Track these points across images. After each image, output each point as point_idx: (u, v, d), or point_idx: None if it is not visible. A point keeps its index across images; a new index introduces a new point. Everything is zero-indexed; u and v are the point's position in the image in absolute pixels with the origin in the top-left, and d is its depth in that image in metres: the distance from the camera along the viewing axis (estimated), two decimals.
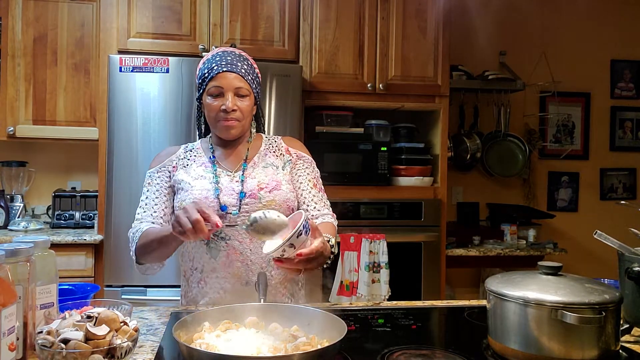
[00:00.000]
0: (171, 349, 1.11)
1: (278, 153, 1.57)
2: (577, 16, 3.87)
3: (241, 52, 1.53)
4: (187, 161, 1.54)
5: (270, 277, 1.47)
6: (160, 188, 1.52)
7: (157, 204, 1.50)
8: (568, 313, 1.00)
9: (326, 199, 1.59)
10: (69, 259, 2.72)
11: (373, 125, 3.19)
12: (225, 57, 1.47)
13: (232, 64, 1.46)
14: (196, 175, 1.49)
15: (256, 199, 1.45)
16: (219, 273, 1.46)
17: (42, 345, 0.90)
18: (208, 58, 1.50)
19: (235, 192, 1.46)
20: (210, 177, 1.48)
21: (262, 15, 2.90)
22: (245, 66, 1.48)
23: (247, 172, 1.50)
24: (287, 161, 1.56)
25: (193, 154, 1.56)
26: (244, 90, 1.46)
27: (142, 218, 1.49)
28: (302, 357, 0.93)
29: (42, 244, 1.11)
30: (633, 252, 1.23)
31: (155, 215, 1.48)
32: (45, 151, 3.29)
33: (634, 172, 4.05)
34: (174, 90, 2.71)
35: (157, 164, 1.55)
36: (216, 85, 1.45)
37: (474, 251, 3.18)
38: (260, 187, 1.47)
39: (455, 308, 1.54)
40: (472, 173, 3.78)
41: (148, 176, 1.55)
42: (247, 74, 1.47)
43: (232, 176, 1.49)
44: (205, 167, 1.51)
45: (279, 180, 1.50)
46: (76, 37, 3.00)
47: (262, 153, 1.56)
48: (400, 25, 3.02)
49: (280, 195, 1.47)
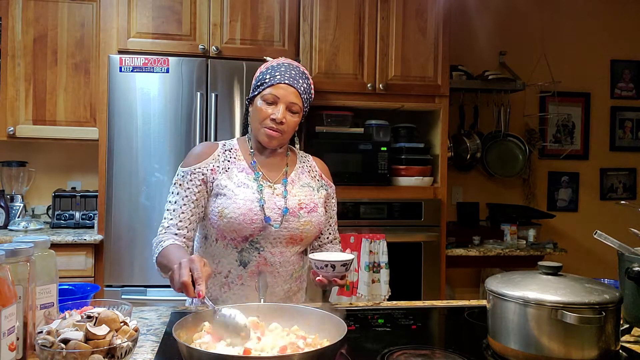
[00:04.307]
0: (171, 349, 1.10)
1: (313, 174, 1.61)
2: (577, 16, 3.87)
3: (304, 70, 1.54)
4: (228, 164, 1.51)
5: (289, 289, 1.54)
6: (190, 194, 1.48)
7: (184, 212, 1.47)
8: (568, 313, 1.00)
9: (337, 228, 1.68)
10: (69, 259, 2.72)
11: (373, 125, 3.19)
12: (290, 71, 1.48)
13: (294, 79, 1.47)
14: (239, 183, 1.48)
15: (295, 217, 1.48)
16: (245, 281, 1.48)
17: (42, 345, 0.90)
18: (273, 65, 1.50)
19: (277, 207, 1.47)
20: (254, 186, 1.48)
21: (262, 15, 2.90)
22: (305, 85, 1.50)
23: (287, 187, 1.52)
24: (322, 186, 1.61)
25: (232, 155, 1.53)
26: (296, 107, 1.47)
27: (168, 227, 1.46)
28: (302, 357, 0.93)
29: (42, 244, 1.11)
30: (633, 252, 1.23)
31: (180, 225, 1.46)
32: (45, 151, 3.29)
33: (634, 172, 4.05)
34: (174, 90, 2.71)
35: (193, 163, 1.50)
36: (273, 94, 1.45)
37: (474, 251, 3.18)
38: (300, 206, 1.50)
39: (455, 308, 1.54)
40: (472, 173, 3.78)
41: (181, 176, 1.50)
42: (304, 93, 1.49)
43: (273, 188, 1.50)
44: (247, 174, 1.50)
45: (316, 202, 1.54)
46: (76, 37, 3.00)
47: (299, 171, 1.58)
48: (400, 25, 3.02)
49: (315, 217, 1.52)
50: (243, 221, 1.43)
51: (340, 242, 1.69)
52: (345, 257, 1.35)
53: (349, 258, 1.35)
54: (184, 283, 1.14)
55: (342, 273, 1.34)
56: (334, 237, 1.66)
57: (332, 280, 1.36)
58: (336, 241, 1.67)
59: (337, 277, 1.35)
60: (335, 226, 1.67)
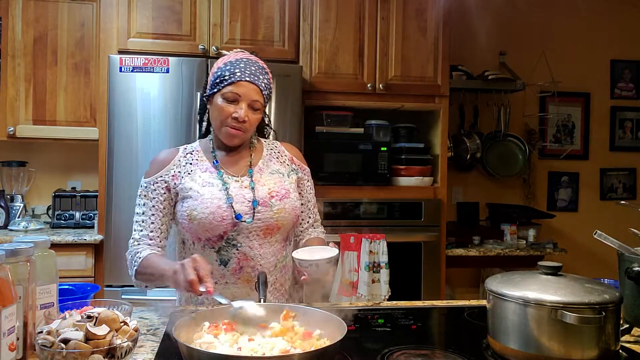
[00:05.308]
0: (171, 349, 1.10)
1: (282, 160, 1.58)
2: (577, 16, 3.87)
3: (263, 65, 1.51)
4: (190, 166, 1.49)
5: (275, 280, 1.50)
6: (157, 203, 1.47)
7: (153, 222, 1.46)
8: (568, 313, 1.00)
9: (317, 210, 1.65)
10: (69, 259, 2.72)
11: (373, 125, 3.19)
12: (250, 67, 1.45)
13: (255, 75, 1.44)
14: (203, 182, 1.46)
15: (267, 207, 1.46)
16: (229, 279, 1.46)
17: (42, 345, 0.90)
18: (231, 60, 1.46)
19: (247, 199, 1.45)
20: (219, 184, 1.46)
21: (262, 16, 2.90)
22: (266, 80, 1.47)
23: (254, 177, 1.49)
24: (292, 170, 1.58)
25: (194, 157, 1.52)
26: (258, 104, 1.45)
27: (140, 239, 1.46)
28: (302, 357, 0.93)
29: (42, 244, 1.11)
30: (633, 252, 1.23)
31: (152, 235, 1.46)
32: (45, 151, 3.29)
33: (634, 172, 4.05)
34: (174, 90, 2.71)
35: (153, 174, 1.49)
36: (234, 92, 1.42)
37: (473, 251, 3.18)
38: (271, 194, 1.47)
39: (455, 308, 1.54)
40: (472, 173, 3.78)
41: (144, 187, 1.49)
42: (265, 89, 1.47)
43: (240, 182, 1.48)
44: (210, 173, 1.48)
45: (287, 188, 1.51)
46: (76, 37, 3.00)
47: (266, 159, 1.56)
48: (400, 25, 3.02)
49: (289, 204, 1.49)
50: (213, 219, 1.41)
51: (321, 224, 1.66)
52: (330, 254, 1.32)
53: (333, 255, 1.32)
54: (191, 281, 1.15)
55: (328, 270, 1.32)
56: (314, 220, 1.63)
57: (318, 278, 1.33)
58: (317, 224, 1.64)
59: (323, 274, 1.32)
60: (314, 209, 1.63)
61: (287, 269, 1.55)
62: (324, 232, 1.66)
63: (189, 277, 1.15)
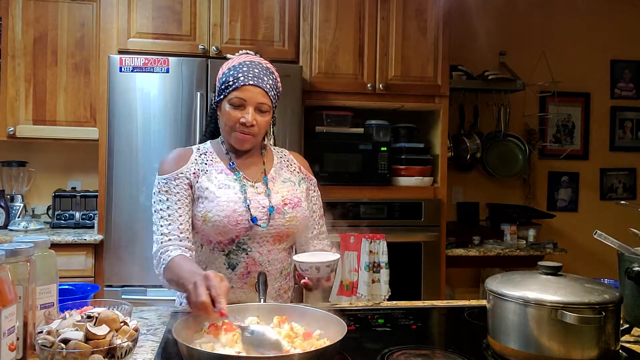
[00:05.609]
0: (171, 349, 1.10)
1: (291, 169, 1.58)
2: (577, 16, 3.87)
3: (268, 65, 1.48)
4: (206, 166, 1.47)
5: (279, 287, 1.51)
6: (182, 197, 1.42)
7: (181, 215, 1.40)
8: (568, 313, 1.00)
9: (323, 222, 1.62)
10: (69, 259, 2.72)
11: (373, 125, 3.19)
12: (253, 69, 1.43)
13: (259, 78, 1.42)
14: (219, 184, 1.44)
15: (281, 214, 1.45)
16: (235, 284, 1.45)
17: (42, 345, 0.90)
18: (234, 65, 1.45)
19: (261, 205, 1.44)
20: (236, 186, 1.45)
21: (262, 16, 2.90)
22: (271, 81, 1.45)
23: (269, 185, 1.49)
24: (302, 179, 1.58)
25: (208, 157, 1.49)
26: (265, 107, 1.43)
27: (170, 233, 1.38)
28: (302, 357, 0.93)
29: (42, 244, 1.11)
30: (633, 252, 1.23)
31: (182, 228, 1.39)
32: (45, 151, 3.28)
33: (634, 172, 4.05)
34: (174, 90, 2.71)
35: (174, 169, 1.45)
36: (239, 97, 1.40)
37: (473, 251, 3.18)
38: (284, 202, 1.47)
39: (455, 308, 1.54)
40: (472, 173, 3.77)
41: (164, 183, 1.43)
42: (271, 90, 1.44)
43: (255, 187, 1.47)
44: (226, 175, 1.46)
45: (299, 197, 1.51)
46: (76, 37, 3.00)
47: (277, 167, 1.55)
48: (400, 25, 3.02)
49: (300, 212, 1.49)
50: (228, 223, 1.39)
51: (327, 237, 1.63)
52: (330, 257, 1.33)
53: (334, 259, 1.32)
54: (203, 304, 1.06)
55: (328, 274, 1.32)
56: (319, 232, 1.60)
57: (318, 281, 1.34)
58: (322, 236, 1.61)
59: (323, 278, 1.33)
60: (320, 220, 1.61)
61: (292, 276, 1.56)
62: (330, 246, 1.61)
63: (200, 299, 1.07)
